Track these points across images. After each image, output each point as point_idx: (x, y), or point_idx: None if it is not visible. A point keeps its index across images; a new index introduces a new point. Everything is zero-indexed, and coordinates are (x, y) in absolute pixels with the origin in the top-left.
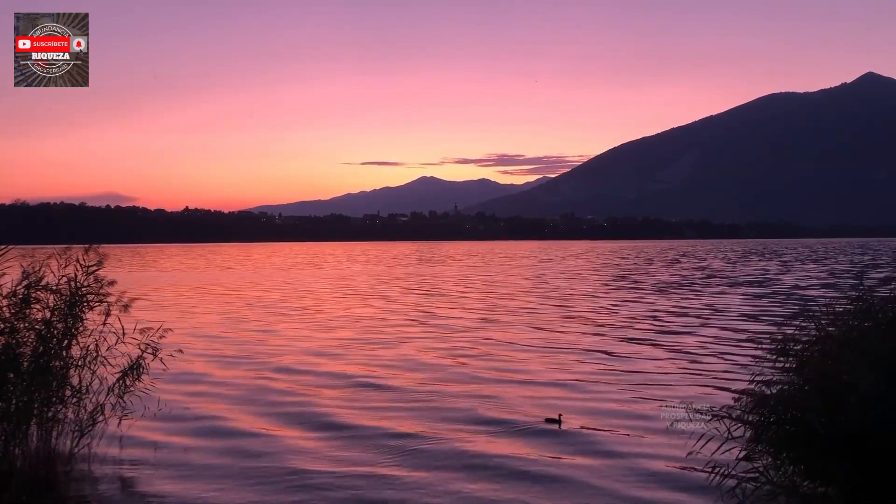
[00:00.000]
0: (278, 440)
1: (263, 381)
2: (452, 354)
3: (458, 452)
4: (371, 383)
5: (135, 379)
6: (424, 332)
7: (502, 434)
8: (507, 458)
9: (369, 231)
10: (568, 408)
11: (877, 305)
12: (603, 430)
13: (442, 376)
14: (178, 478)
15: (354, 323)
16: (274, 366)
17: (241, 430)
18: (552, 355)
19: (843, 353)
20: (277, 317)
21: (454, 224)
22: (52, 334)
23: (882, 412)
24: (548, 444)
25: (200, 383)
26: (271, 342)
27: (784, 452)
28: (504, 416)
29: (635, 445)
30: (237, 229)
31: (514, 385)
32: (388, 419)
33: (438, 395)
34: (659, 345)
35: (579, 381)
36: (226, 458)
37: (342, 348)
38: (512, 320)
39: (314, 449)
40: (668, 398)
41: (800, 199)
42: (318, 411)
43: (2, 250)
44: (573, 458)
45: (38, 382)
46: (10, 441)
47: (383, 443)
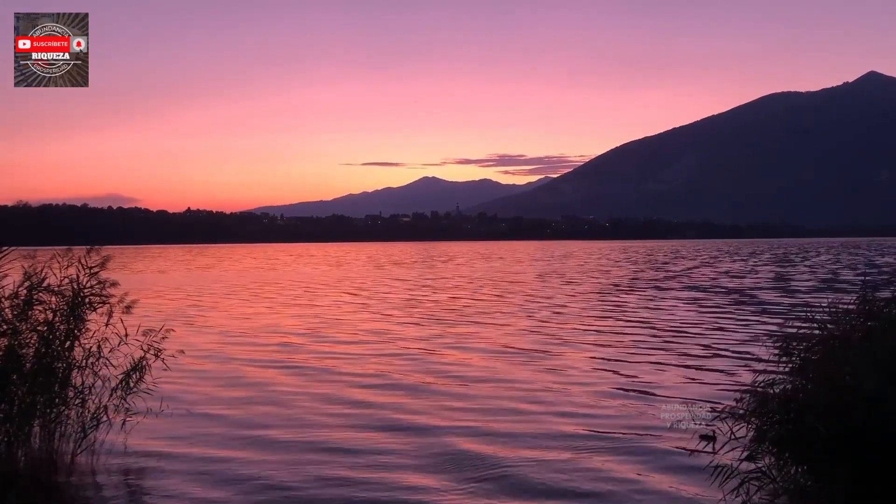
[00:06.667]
0: (282, 441)
1: (269, 381)
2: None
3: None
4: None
5: (138, 379)
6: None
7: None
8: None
9: (371, 231)
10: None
11: (880, 305)
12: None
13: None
14: (181, 478)
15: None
16: (291, 364)
17: (244, 430)
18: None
19: (847, 353)
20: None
21: (456, 224)
22: (55, 336)
23: (886, 412)
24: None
25: (204, 384)
26: (295, 343)
27: (787, 452)
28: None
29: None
30: (239, 230)
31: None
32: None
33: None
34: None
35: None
36: (229, 457)
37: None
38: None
39: (327, 447)
40: (668, 398)
41: (801, 200)
42: (329, 410)
43: (4, 251)
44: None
45: (41, 384)
46: (14, 442)
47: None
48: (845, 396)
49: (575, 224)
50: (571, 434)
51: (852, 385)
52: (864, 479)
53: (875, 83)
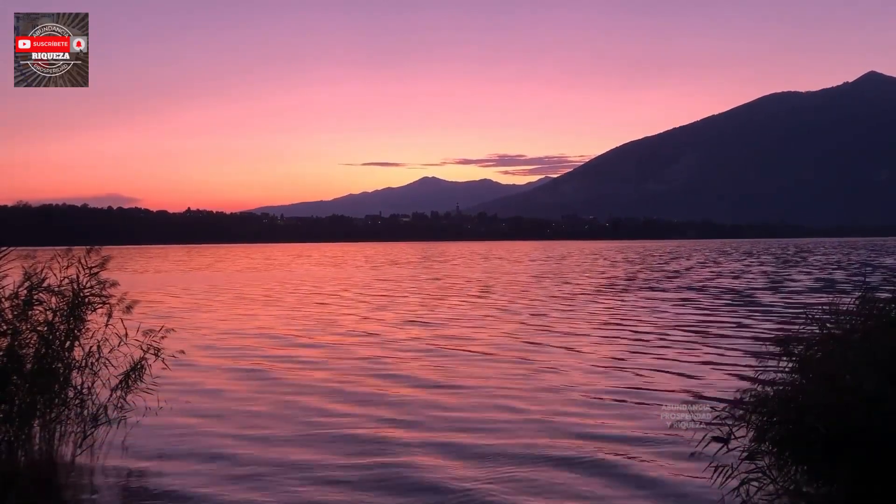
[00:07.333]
0: (282, 440)
1: (271, 381)
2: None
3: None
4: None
5: (136, 380)
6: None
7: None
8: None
9: (371, 232)
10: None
11: (879, 305)
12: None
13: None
14: (182, 479)
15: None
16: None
17: (245, 430)
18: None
19: (847, 353)
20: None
21: (456, 224)
22: (55, 336)
23: (886, 412)
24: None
25: (205, 383)
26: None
27: (787, 452)
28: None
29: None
30: (239, 230)
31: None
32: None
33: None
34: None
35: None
36: (229, 458)
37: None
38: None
39: (325, 447)
40: (668, 398)
41: (801, 200)
42: (332, 409)
43: (4, 252)
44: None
45: (41, 384)
46: (14, 443)
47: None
48: (845, 396)
49: (575, 224)
50: (571, 435)
51: (852, 385)
52: (864, 479)
53: (875, 83)
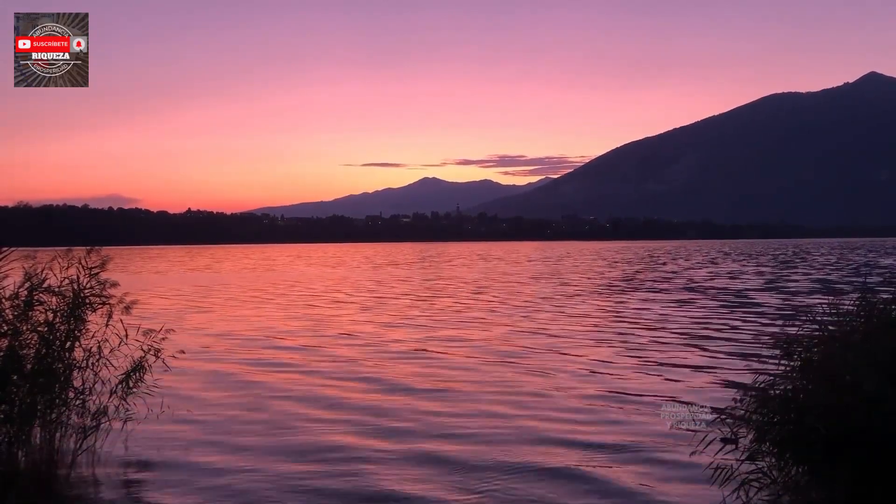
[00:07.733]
0: (283, 439)
1: (271, 383)
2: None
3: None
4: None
5: (137, 380)
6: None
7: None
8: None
9: (371, 232)
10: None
11: (880, 306)
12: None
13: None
14: (182, 479)
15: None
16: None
17: (245, 429)
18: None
19: (847, 354)
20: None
21: (456, 225)
22: (55, 336)
23: (886, 413)
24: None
25: (205, 382)
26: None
27: (788, 453)
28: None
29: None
30: (239, 231)
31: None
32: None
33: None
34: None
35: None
36: (230, 457)
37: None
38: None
39: (300, 455)
40: (664, 401)
41: (801, 200)
42: (331, 417)
43: (4, 252)
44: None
45: (41, 384)
46: (14, 443)
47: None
48: (845, 397)
49: (575, 224)
50: (570, 435)
51: (852, 386)
52: (864, 479)
53: (875, 83)
